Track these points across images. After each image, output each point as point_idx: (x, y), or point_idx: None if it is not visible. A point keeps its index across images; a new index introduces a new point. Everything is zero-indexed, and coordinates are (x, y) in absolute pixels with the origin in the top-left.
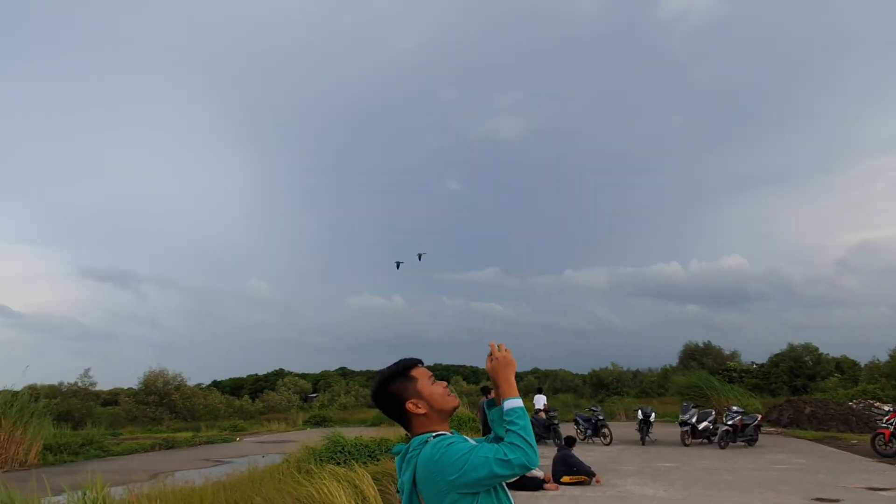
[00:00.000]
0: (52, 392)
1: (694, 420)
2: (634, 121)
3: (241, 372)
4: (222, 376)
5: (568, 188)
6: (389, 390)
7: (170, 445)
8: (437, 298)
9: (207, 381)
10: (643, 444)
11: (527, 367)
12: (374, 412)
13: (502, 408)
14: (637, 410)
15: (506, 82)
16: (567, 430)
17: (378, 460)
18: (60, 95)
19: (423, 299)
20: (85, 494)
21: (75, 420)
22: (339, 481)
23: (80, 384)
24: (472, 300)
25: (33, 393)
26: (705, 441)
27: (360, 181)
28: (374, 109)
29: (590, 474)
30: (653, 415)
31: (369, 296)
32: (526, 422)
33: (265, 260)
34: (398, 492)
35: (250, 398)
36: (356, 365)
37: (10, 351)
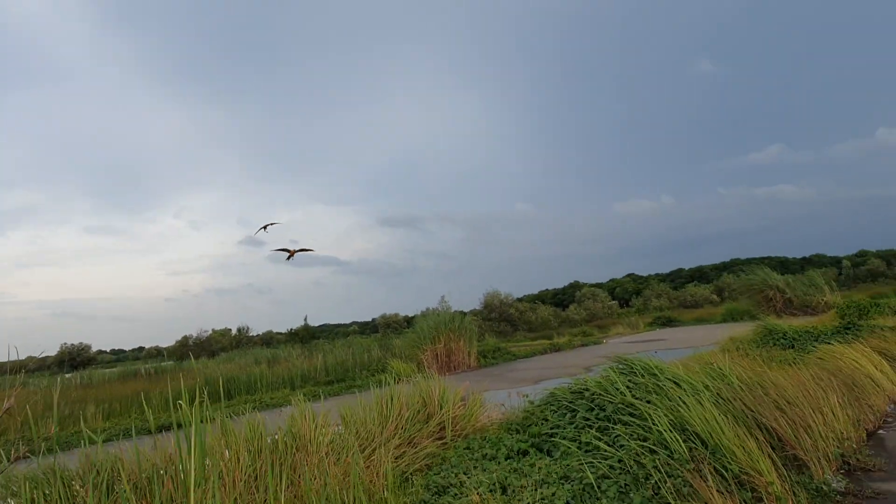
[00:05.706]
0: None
1: None
2: None
3: (534, 288)
4: (518, 293)
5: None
6: None
7: (557, 348)
8: (711, 191)
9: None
10: None
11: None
12: (720, 309)
13: None
14: None
15: None
16: None
17: (830, 343)
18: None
19: (695, 193)
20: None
21: None
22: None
23: (440, 308)
24: (753, 185)
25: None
26: None
27: (593, 87)
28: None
29: None
30: None
31: (635, 201)
32: None
33: (525, 182)
34: None
35: (577, 308)
36: (643, 270)
37: (344, 291)
